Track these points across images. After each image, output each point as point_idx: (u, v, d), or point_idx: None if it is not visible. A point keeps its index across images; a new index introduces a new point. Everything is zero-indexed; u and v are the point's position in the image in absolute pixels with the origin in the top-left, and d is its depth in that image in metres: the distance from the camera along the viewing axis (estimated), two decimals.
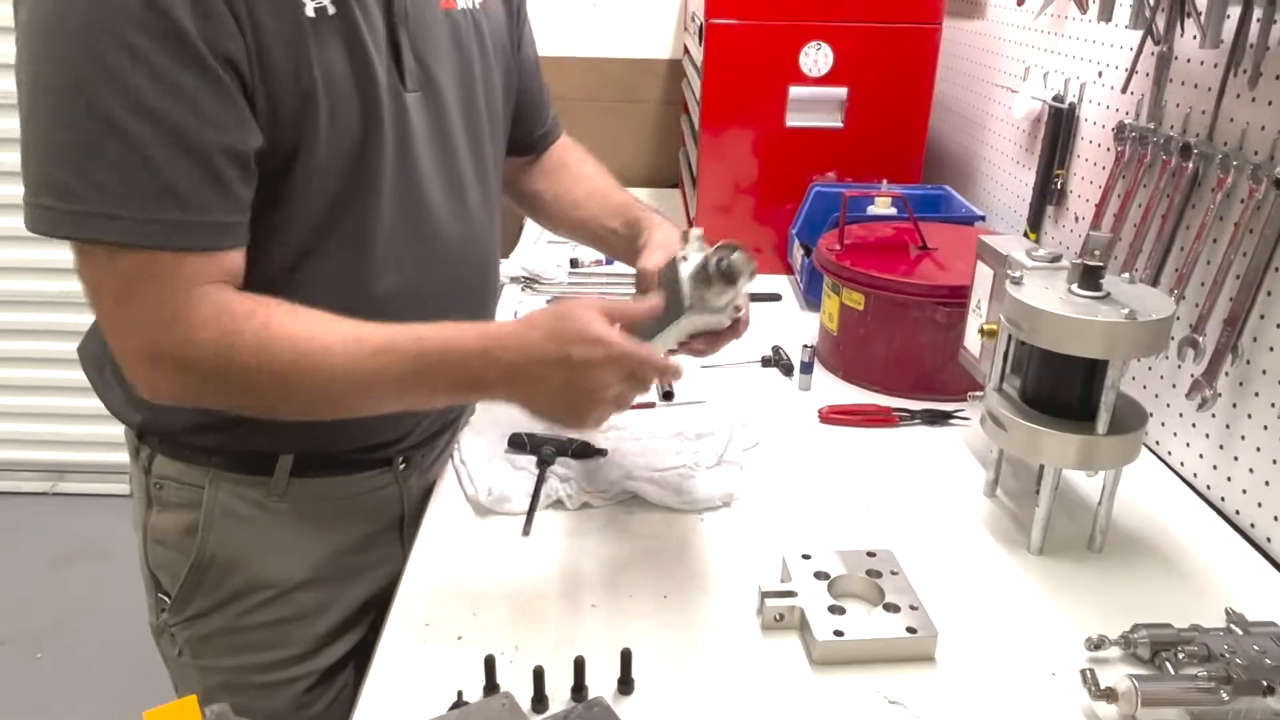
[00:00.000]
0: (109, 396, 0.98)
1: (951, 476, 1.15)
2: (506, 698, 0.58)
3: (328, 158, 0.85)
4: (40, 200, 0.76)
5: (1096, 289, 0.94)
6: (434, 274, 0.96)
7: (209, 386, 0.83)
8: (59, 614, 2.37)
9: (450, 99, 0.96)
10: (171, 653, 1.02)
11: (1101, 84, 1.37)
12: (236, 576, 0.98)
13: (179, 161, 0.75)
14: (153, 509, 0.99)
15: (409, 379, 0.83)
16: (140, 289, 0.78)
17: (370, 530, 1.05)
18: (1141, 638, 0.84)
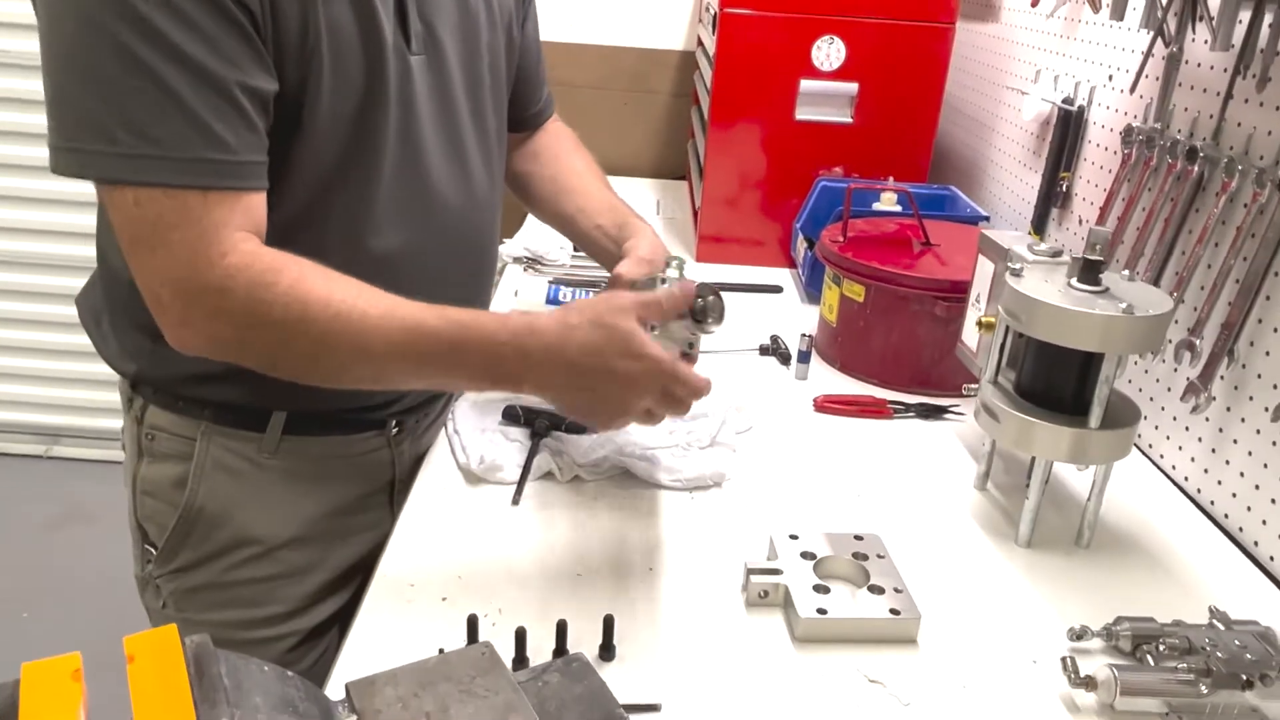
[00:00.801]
0: (105, 347, 0.99)
1: (943, 469, 1.15)
2: (486, 647, 0.59)
3: (330, 115, 0.86)
4: (70, 144, 0.76)
5: (1096, 284, 0.95)
6: (433, 236, 0.96)
7: (242, 336, 0.82)
8: (47, 575, 2.38)
9: (454, 64, 0.96)
10: (156, 605, 1.02)
11: (1111, 87, 1.37)
12: (224, 531, 0.98)
13: (206, 100, 0.76)
14: (143, 460, 0.99)
15: (439, 359, 0.82)
16: (170, 232, 0.78)
17: (360, 493, 1.05)
18: (1124, 630, 0.84)
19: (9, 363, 2.88)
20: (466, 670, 0.57)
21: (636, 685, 0.77)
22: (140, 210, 0.77)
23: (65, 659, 0.48)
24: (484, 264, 1.09)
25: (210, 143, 0.77)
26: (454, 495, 1.02)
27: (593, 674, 0.60)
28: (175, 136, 0.76)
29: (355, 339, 0.80)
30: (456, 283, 1.00)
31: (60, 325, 2.80)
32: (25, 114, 2.61)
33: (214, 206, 0.78)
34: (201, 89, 0.76)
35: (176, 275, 0.79)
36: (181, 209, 0.77)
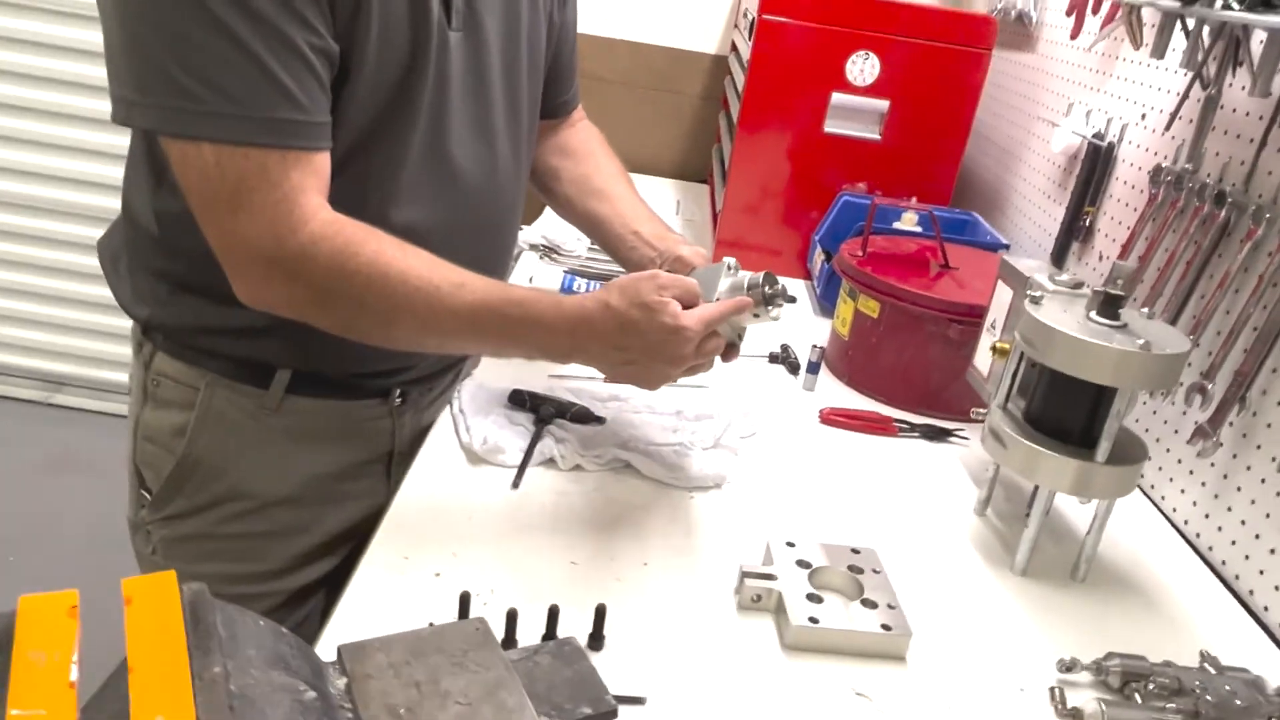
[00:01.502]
0: (120, 290, 0.99)
1: (944, 491, 1.15)
2: (480, 623, 0.58)
3: (370, 84, 0.86)
4: (145, 98, 0.77)
5: (1115, 318, 0.94)
6: (452, 212, 0.96)
7: (318, 298, 0.85)
8: (41, 520, 2.38)
9: (493, 43, 0.96)
10: (145, 550, 1.03)
11: (1143, 126, 1.37)
12: (219, 483, 0.98)
13: (282, 59, 0.77)
14: (147, 404, 0.99)
15: (498, 335, 0.88)
16: (251, 194, 0.79)
17: (357, 459, 1.05)
18: (1114, 665, 0.83)
19: (15, 306, 2.87)
20: (459, 644, 0.57)
21: (624, 677, 0.77)
22: (220, 169, 0.78)
23: (63, 595, 0.48)
24: (503, 243, 1.09)
25: (288, 102, 0.78)
26: (455, 474, 1.02)
27: (584, 659, 0.60)
28: (254, 95, 0.76)
29: (426, 311, 0.84)
30: (472, 260, 1.00)
31: (70, 273, 2.80)
32: (35, 57, 2.61)
33: (292, 168, 0.80)
34: (278, 48, 0.76)
35: (259, 238, 0.80)
36: (261, 170, 0.78)
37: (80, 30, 2.59)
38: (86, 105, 2.63)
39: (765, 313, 0.94)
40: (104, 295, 0.88)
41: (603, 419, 1.13)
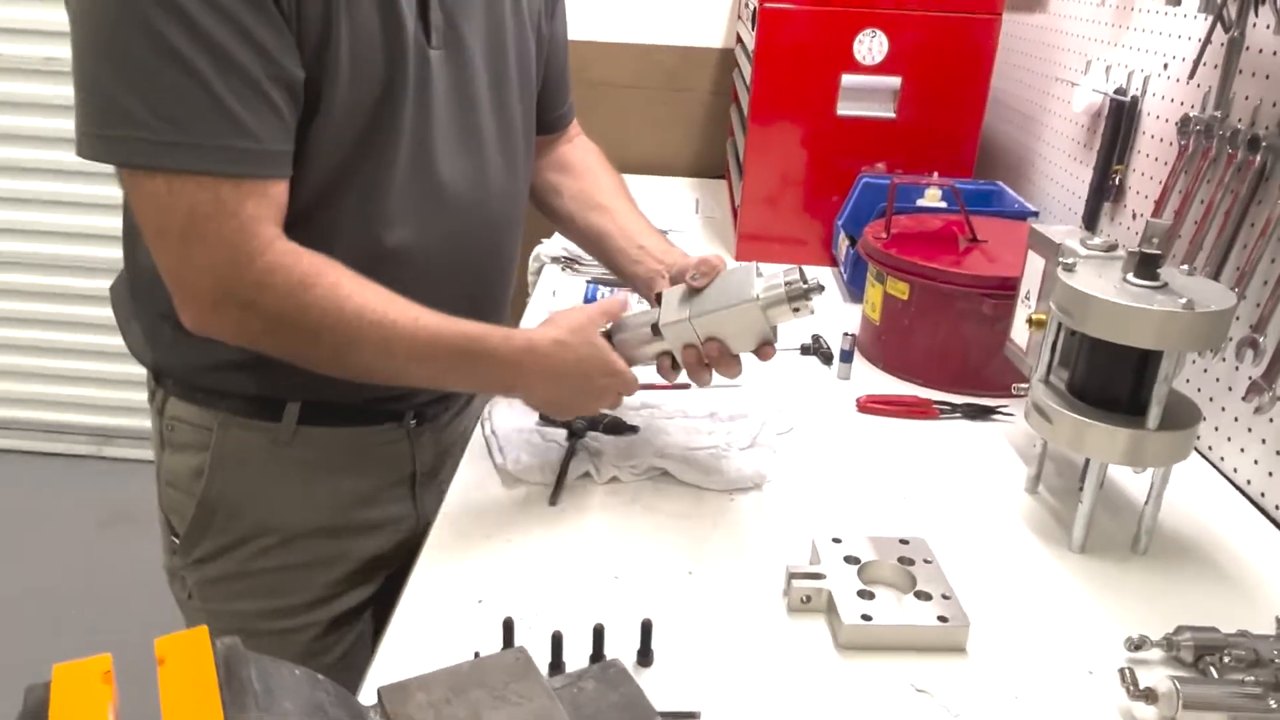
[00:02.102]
0: (128, 336, 1.00)
1: (992, 471, 1.12)
2: (521, 652, 0.57)
3: (346, 106, 0.85)
4: (99, 130, 0.77)
5: (1153, 278, 0.91)
6: (443, 230, 0.95)
7: (270, 328, 0.84)
8: (95, 573, 2.42)
9: (478, 60, 0.95)
10: (182, 595, 1.03)
11: (1166, 76, 1.32)
12: (243, 521, 0.98)
13: (238, 90, 0.77)
14: (165, 450, 0.99)
15: (450, 370, 0.90)
16: (205, 224, 0.79)
17: (380, 484, 1.04)
18: (1185, 640, 0.80)
19: (62, 365, 2.94)
20: (500, 676, 0.56)
21: (675, 692, 0.75)
22: (173, 199, 0.78)
23: (96, 660, 0.47)
24: (502, 262, 1.07)
25: (238, 131, 0.78)
26: (491, 497, 1.01)
27: (629, 681, 0.59)
28: (205, 124, 0.77)
29: (381, 344, 0.85)
30: (472, 279, 1.01)
31: (110, 329, 2.85)
32: None
33: (246, 198, 0.80)
34: (232, 79, 0.77)
35: (213, 267, 0.81)
36: (215, 200, 0.79)
37: None
38: None
39: (805, 307, 0.93)
40: None
41: (636, 427, 1.12)
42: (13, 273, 2.85)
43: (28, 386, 2.96)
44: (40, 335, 2.91)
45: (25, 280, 2.85)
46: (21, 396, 2.97)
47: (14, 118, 2.69)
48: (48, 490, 2.80)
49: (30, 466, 2.91)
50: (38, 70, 2.63)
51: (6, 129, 2.70)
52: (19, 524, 2.62)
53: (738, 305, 0.93)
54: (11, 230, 2.81)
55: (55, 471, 2.89)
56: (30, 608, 2.31)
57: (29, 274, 2.85)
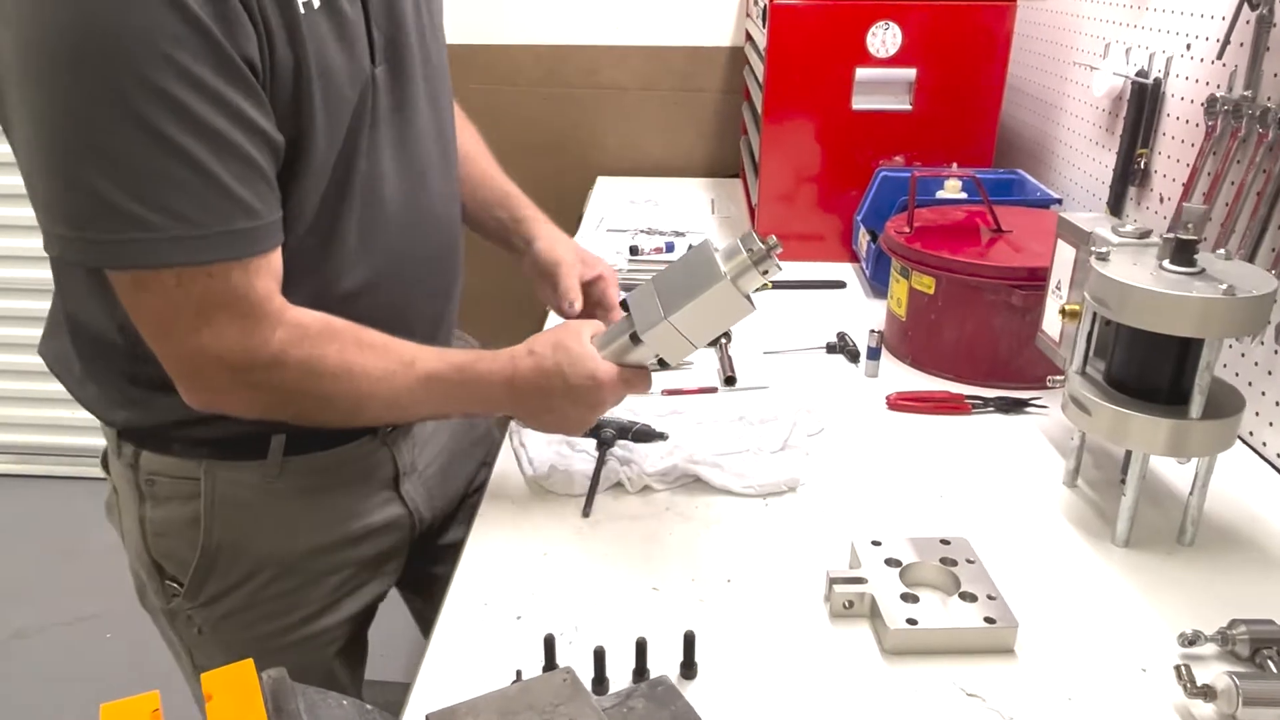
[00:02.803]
0: (85, 395, 0.96)
1: (1028, 465, 1.10)
2: (568, 673, 0.56)
3: (324, 150, 0.83)
4: (100, 235, 0.73)
5: (1190, 264, 0.89)
6: (394, 264, 0.94)
7: (284, 401, 0.86)
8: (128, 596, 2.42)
9: (415, 63, 0.92)
10: (190, 633, 1.02)
11: (1190, 57, 1.30)
12: (246, 557, 0.97)
13: (236, 171, 0.75)
14: (146, 503, 0.97)
15: (444, 402, 0.92)
16: (218, 311, 0.78)
17: (367, 493, 1.03)
18: (1240, 634, 0.78)
19: None
20: (549, 698, 0.55)
21: (720, 704, 0.74)
22: (183, 290, 0.76)
23: (144, 698, 0.47)
24: (449, 276, 1.05)
25: (244, 213, 0.77)
26: (523, 510, 1.01)
27: (679, 698, 0.57)
28: (211, 212, 0.75)
29: (389, 397, 0.88)
30: (425, 294, 1.01)
31: None
32: None
33: (255, 277, 0.79)
34: (229, 161, 0.74)
35: (228, 353, 0.80)
36: (225, 285, 0.77)
37: None
38: None
39: (772, 266, 0.89)
40: None
41: (665, 434, 1.11)
42: (32, 299, 2.87)
43: (46, 411, 2.98)
44: None
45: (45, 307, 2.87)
46: (40, 422, 3.00)
47: None
48: (70, 515, 2.82)
49: (50, 491, 2.93)
50: None
51: None
52: (49, 551, 2.63)
53: (710, 289, 0.89)
54: (32, 258, 2.82)
55: (75, 496, 2.91)
56: (72, 635, 2.32)
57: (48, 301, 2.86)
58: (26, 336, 2.90)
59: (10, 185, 2.75)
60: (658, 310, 0.91)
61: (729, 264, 0.89)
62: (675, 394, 1.25)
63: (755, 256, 0.88)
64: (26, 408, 2.98)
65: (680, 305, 0.90)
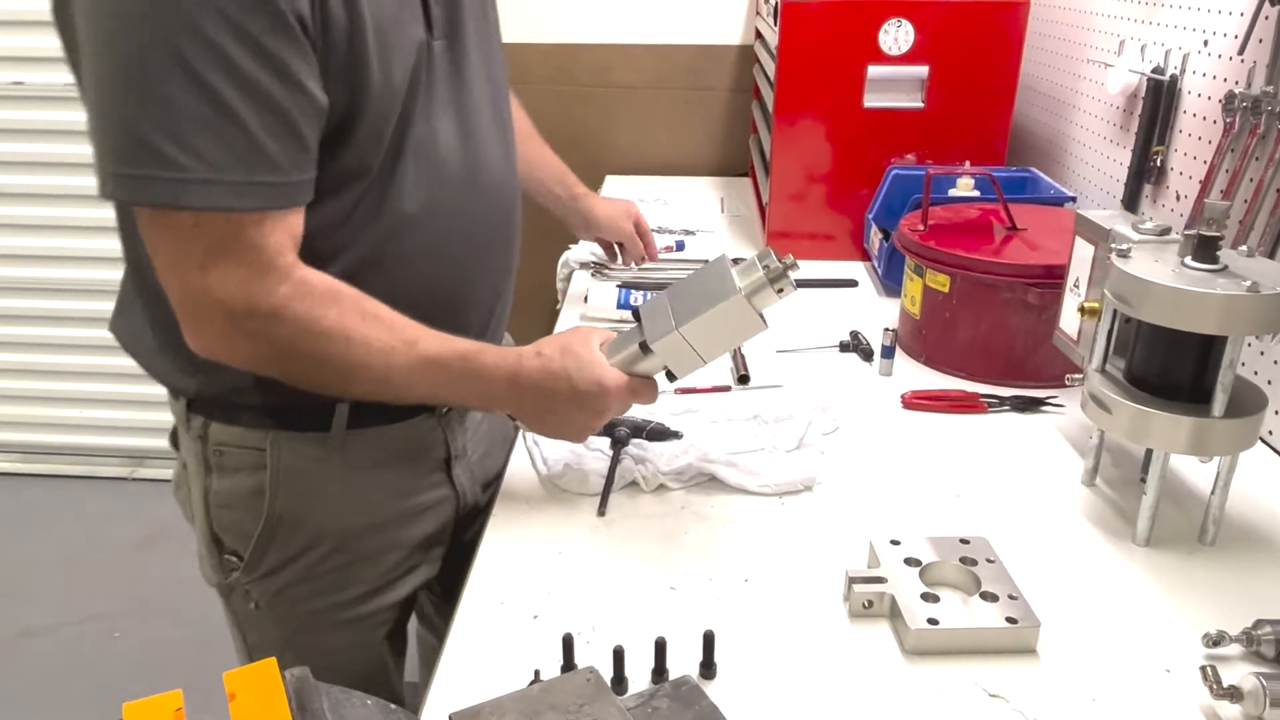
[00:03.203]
0: (157, 366, 0.98)
1: (1046, 464, 1.09)
2: (591, 673, 0.56)
3: (376, 110, 0.85)
4: (125, 169, 0.76)
5: (1213, 261, 0.88)
6: (454, 229, 0.96)
7: (279, 356, 0.86)
8: (137, 595, 2.43)
9: (471, 42, 0.96)
10: (246, 608, 1.03)
11: (1207, 53, 1.29)
12: (305, 529, 0.99)
13: (271, 127, 0.77)
14: (212, 475, 0.99)
15: (442, 388, 0.91)
16: (226, 256, 0.80)
17: (419, 472, 1.05)
18: (1266, 634, 0.77)
19: (95, 388, 2.96)
20: (572, 698, 0.54)
21: (740, 704, 0.73)
22: (199, 231, 0.78)
23: (167, 697, 0.46)
24: (508, 250, 1.06)
25: (270, 167, 0.78)
26: (538, 509, 1.00)
27: (703, 698, 0.57)
28: (235, 160, 0.76)
29: (383, 370, 0.87)
30: (483, 272, 1.02)
31: None
32: None
33: (269, 230, 0.80)
34: (265, 115, 0.76)
35: (230, 297, 0.81)
36: (237, 233, 0.79)
37: None
38: None
39: (788, 285, 0.89)
40: None
41: (679, 433, 1.10)
42: (42, 299, 2.88)
43: (59, 411, 2.99)
44: (70, 360, 2.93)
45: (55, 306, 2.88)
46: (52, 421, 3.00)
47: (34, 144, 2.71)
48: (83, 515, 2.82)
49: (62, 491, 2.93)
50: (59, 97, 2.65)
51: (28, 156, 2.72)
52: (59, 551, 2.63)
53: (723, 303, 0.89)
54: (41, 257, 2.83)
55: (88, 495, 2.91)
56: (81, 634, 2.32)
57: (58, 299, 2.87)
58: (35, 336, 2.91)
59: (9, 185, 2.76)
60: (669, 320, 0.91)
61: (744, 280, 0.89)
62: (689, 392, 1.25)
63: (771, 274, 0.88)
64: (37, 407, 2.99)
65: (692, 317, 0.90)
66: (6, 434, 3.02)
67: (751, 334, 0.92)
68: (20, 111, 2.67)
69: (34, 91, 2.66)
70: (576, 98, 2.40)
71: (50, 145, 2.70)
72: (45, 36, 2.76)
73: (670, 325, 0.91)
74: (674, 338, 0.90)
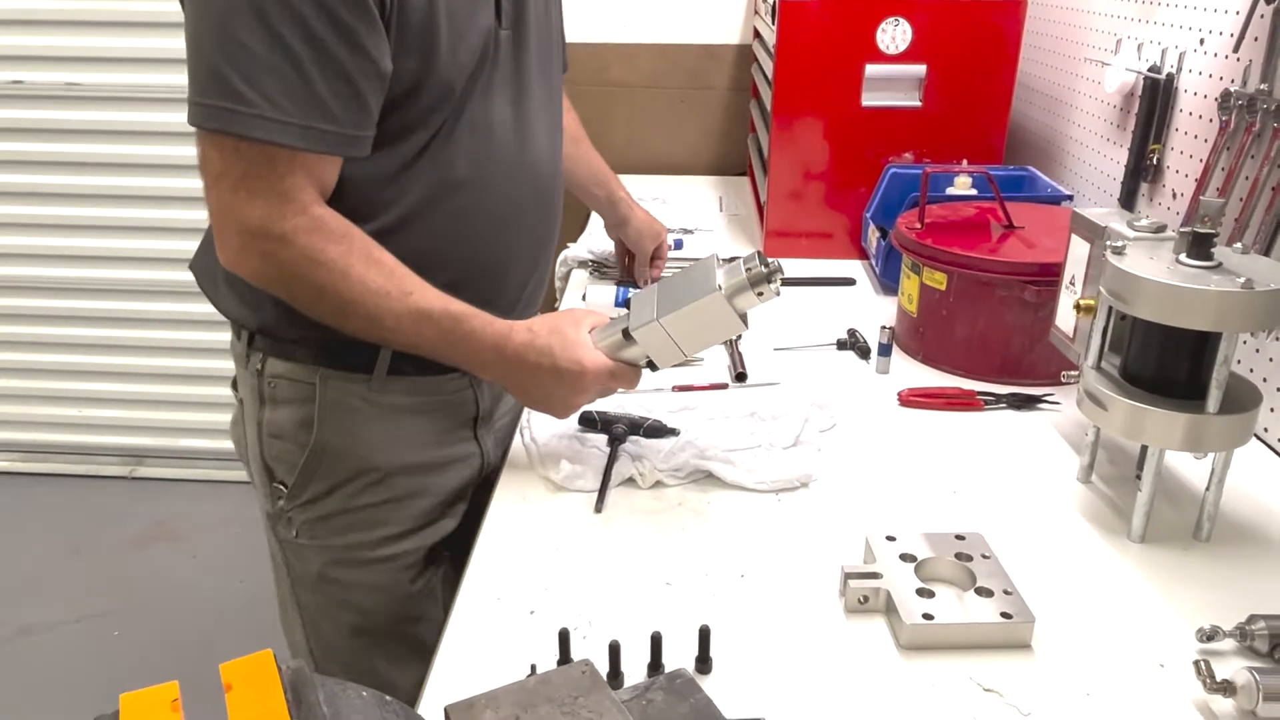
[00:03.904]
0: (223, 302, 1.07)
1: (1042, 462, 1.09)
2: (587, 665, 0.56)
3: (441, 81, 0.93)
4: (208, 100, 0.86)
5: (1208, 258, 0.88)
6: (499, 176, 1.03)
7: (283, 278, 0.93)
8: (137, 594, 2.43)
9: (532, 36, 1.04)
10: (288, 535, 1.09)
11: (1203, 51, 1.30)
12: (346, 462, 1.05)
13: (334, 85, 0.87)
14: (266, 407, 1.06)
15: (428, 342, 0.96)
16: (255, 180, 0.88)
17: (450, 426, 1.12)
18: (1259, 629, 0.78)
19: (94, 387, 2.96)
20: (568, 690, 0.54)
21: (736, 699, 0.74)
22: (239, 155, 0.88)
23: (163, 688, 0.46)
24: (549, 228, 1.14)
25: (323, 114, 0.87)
26: (535, 506, 1.00)
27: (698, 690, 0.57)
28: (294, 102, 0.86)
29: (375, 310, 0.93)
30: (525, 244, 1.09)
31: (143, 349, 2.88)
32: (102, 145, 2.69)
33: (298, 167, 0.89)
34: (325, 69, 0.86)
35: (249, 217, 0.90)
36: (271, 162, 0.88)
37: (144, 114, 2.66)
38: (142, 185, 2.71)
39: (769, 290, 0.93)
40: (179, 366, 0.92)
41: (676, 430, 1.10)
42: (42, 298, 2.88)
43: (59, 410, 2.99)
44: (70, 359, 2.93)
45: (55, 305, 2.88)
46: (52, 420, 3.00)
47: (36, 144, 2.71)
48: (82, 514, 2.82)
49: (62, 490, 2.93)
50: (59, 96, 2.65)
51: (28, 155, 2.72)
52: (59, 549, 2.64)
53: (702, 298, 0.94)
54: (40, 256, 2.83)
55: (87, 494, 2.91)
56: (80, 633, 2.32)
57: (58, 298, 2.87)
58: (34, 335, 2.91)
59: (9, 184, 2.76)
60: (653, 311, 0.96)
61: (727, 279, 0.94)
62: (686, 390, 1.25)
63: (753, 277, 0.93)
64: (37, 406, 2.99)
65: (673, 309, 0.95)
66: (6, 433, 3.02)
67: (731, 333, 0.97)
68: (20, 111, 2.68)
69: (34, 91, 2.66)
70: (574, 97, 2.38)
71: (49, 145, 2.70)
72: (46, 36, 2.77)
73: (652, 315, 0.95)
74: (654, 327, 0.95)
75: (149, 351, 2.87)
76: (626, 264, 1.59)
